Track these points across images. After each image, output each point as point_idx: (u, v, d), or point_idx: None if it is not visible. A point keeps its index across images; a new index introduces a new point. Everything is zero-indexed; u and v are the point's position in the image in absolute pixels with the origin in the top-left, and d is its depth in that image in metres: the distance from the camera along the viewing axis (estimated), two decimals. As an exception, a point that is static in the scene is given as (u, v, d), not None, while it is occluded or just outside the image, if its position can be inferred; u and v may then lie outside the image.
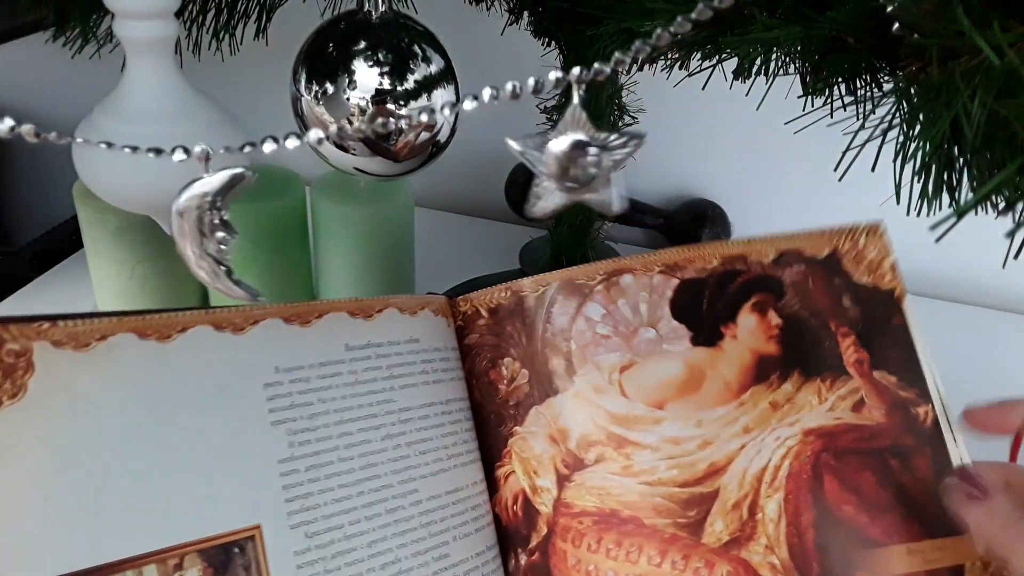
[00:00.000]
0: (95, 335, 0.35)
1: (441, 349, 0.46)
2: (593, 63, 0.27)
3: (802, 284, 0.46)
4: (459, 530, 0.42)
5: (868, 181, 0.42)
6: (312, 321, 0.41)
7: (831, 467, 0.43)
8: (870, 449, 0.44)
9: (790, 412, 0.44)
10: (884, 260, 0.46)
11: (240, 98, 0.70)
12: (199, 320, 0.38)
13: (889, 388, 0.45)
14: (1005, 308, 0.88)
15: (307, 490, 0.38)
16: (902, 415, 0.44)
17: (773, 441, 0.44)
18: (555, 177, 0.30)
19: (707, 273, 0.46)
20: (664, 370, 0.46)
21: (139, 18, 0.45)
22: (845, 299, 0.46)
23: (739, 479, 0.44)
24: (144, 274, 0.67)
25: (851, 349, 0.45)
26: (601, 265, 0.47)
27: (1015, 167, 0.27)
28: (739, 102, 0.53)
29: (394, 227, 0.68)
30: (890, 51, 0.37)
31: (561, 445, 0.45)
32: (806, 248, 0.46)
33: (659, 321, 0.46)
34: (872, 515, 0.43)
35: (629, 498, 0.44)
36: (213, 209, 0.31)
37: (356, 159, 0.48)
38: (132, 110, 0.48)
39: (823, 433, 0.44)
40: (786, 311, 0.46)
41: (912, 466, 0.44)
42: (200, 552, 0.35)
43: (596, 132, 0.29)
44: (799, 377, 0.45)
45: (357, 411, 0.41)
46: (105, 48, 0.59)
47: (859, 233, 0.46)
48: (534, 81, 0.28)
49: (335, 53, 0.46)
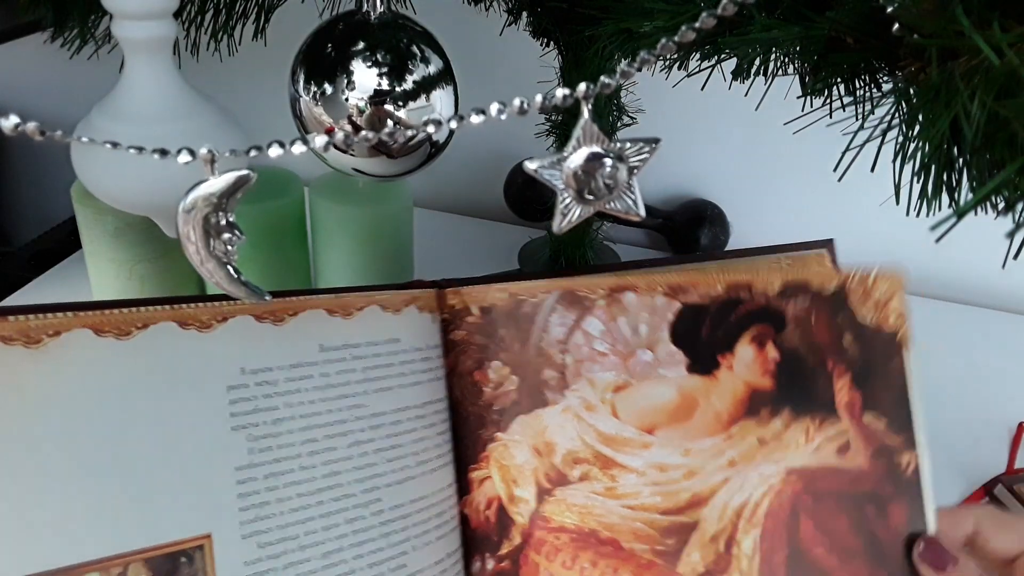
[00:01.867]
0: (47, 331, 0.34)
1: (423, 348, 0.44)
2: (599, 75, 0.27)
3: (805, 318, 0.45)
4: (420, 539, 0.41)
5: (867, 181, 0.42)
6: (286, 319, 0.39)
7: (809, 508, 0.43)
8: (849, 493, 0.44)
9: (776, 449, 0.44)
10: (891, 302, 0.45)
11: (239, 99, 0.70)
12: (162, 316, 0.36)
13: (876, 433, 0.44)
14: (1005, 308, 0.88)
15: (263, 499, 0.37)
16: (885, 462, 0.44)
17: (756, 477, 0.44)
18: (575, 192, 0.30)
19: (710, 299, 0.45)
20: (658, 395, 0.45)
21: (137, 19, 0.45)
22: (846, 337, 0.45)
23: (720, 512, 0.43)
24: (143, 275, 0.67)
25: (845, 390, 0.44)
26: (605, 279, 0.46)
27: (1015, 167, 0.27)
28: (738, 102, 0.53)
29: (393, 227, 0.68)
30: (889, 51, 0.37)
31: (545, 458, 0.45)
32: (813, 281, 0.45)
33: (657, 344, 0.46)
34: (842, 559, 0.43)
35: (610, 520, 0.44)
36: (219, 211, 0.31)
37: (355, 160, 0.48)
38: (131, 111, 0.48)
39: (805, 474, 0.44)
40: (785, 345, 0.45)
41: (887, 514, 0.43)
42: (145, 561, 0.34)
43: (610, 143, 0.29)
44: (789, 415, 0.44)
45: (325, 416, 0.39)
46: (103, 49, 0.59)
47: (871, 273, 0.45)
48: (541, 97, 0.28)
49: (334, 54, 0.46)
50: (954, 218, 0.27)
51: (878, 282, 0.45)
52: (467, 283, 0.47)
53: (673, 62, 0.47)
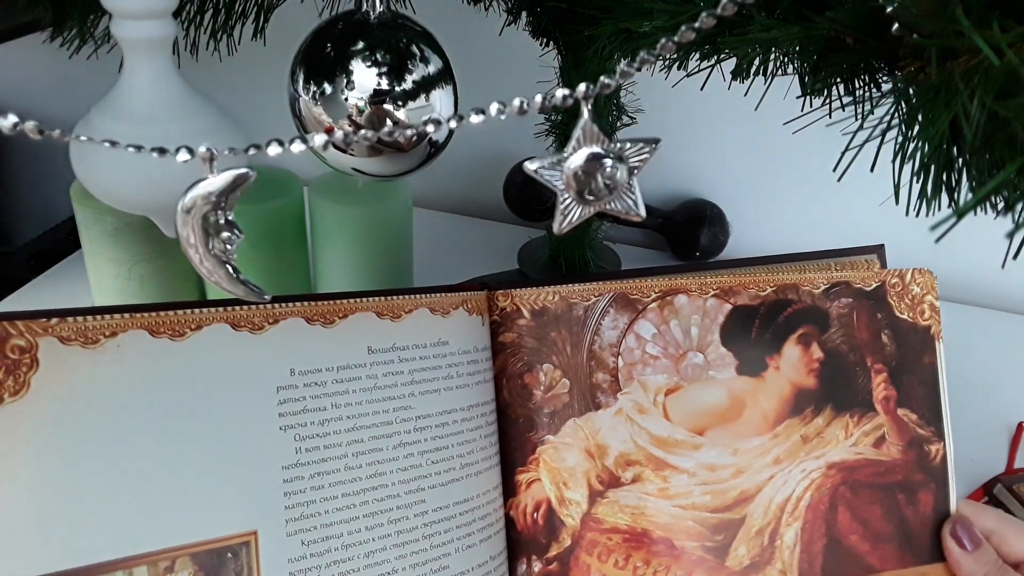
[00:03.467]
0: (105, 331, 0.34)
1: (471, 351, 0.44)
2: (598, 76, 0.27)
3: (847, 317, 0.47)
4: (463, 541, 0.41)
5: (867, 181, 0.42)
6: (336, 321, 0.40)
7: (846, 499, 0.46)
8: (883, 484, 0.46)
9: (818, 446, 0.46)
10: (926, 297, 0.48)
11: (238, 98, 0.70)
12: (215, 318, 0.37)
13: (910, 425, 0.46)
14: (1005, 308, 0.88)
15: (309, 498, 0.37)
16: (917, 452, 0.46)
17: (799, 473, 0.46)
18: (576, 193, 0.30)
19: (759, 300, 0.47)
20: (708, 396, 0.47)
21: (136, 18, 0.45)
22: (884, 334, 0.47)
23: (765, 507, 0.45)
24: (142, 274, 0.67)
25: (882, 386, 0.47)
26: (657, 282, 0.47)
27: (1015, 168, 0.27)
28: (738, 102, 0.53)
29: (392, 227, 0.68)
30: (889, 51, 0.37)
31: (597, 460, 0.45)
32: (855, 280, 0.47)
33: (708, 346, 0.47)
34: (873, 544, 0.45)
35: (662, 519, 0.45)
36: (218, 209, 0.31)
37: (354, 160, 0.48)
38: (130, 111, 0.48)
39: (844, 467, 0.46)
40: (828, 345, 0.47)
41: (917, 500, 0.46)
42: (192, 556, 0.35)
43: (610, 143, 0.29)
44: (831, 412, 0.46)
45: (372, 418, 0.40)
46: (102, 48, 0.59)
47: (907, 272, 0.48)
48: (541, 97, 0.28)
49: (333, 53, 0.46)
50: (954, 218, 0.27)
51: (915, 279, 0.47)
52: (517, 285, 0.47)
53: (673, 62, 0.47)
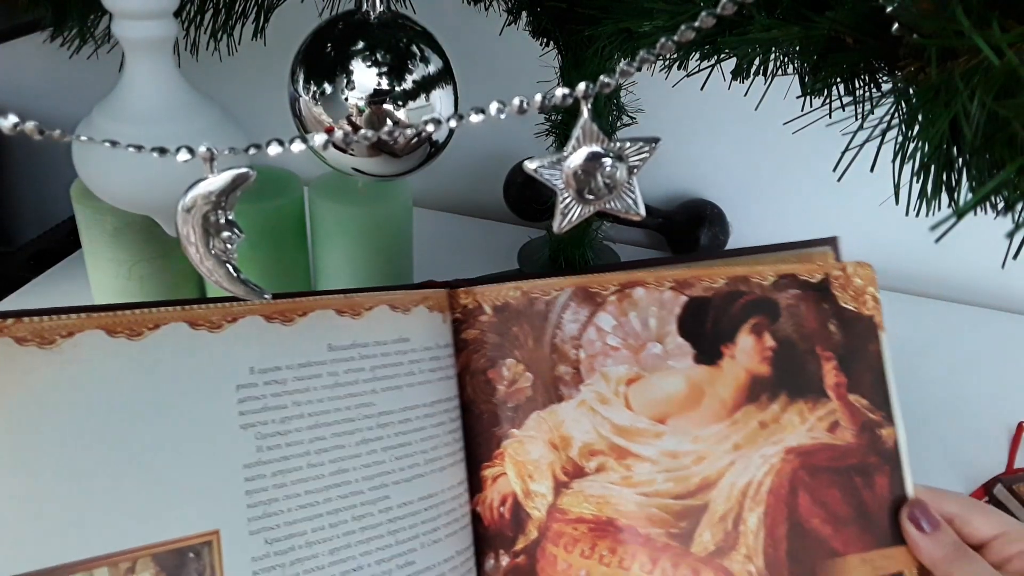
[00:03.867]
0: (61, 331, 0.34)
1: (432, 348, 0.44)
2: (598, 75, 0.27)
3: (795, 307, 0.48)
4: (428, 536, 0.41)
5: (867, 181, 0.42)
6: (295, 319, 0.39)
7: (805, 483, 0.46)
8: (839, 467, 0.47)
9: (776, 431, 0.47)
10: (867, 289, 0.49)
11: (238, 98, 0.70)
12: (173, 317, 0.37)
13: (861, 410, 0.48)
14: (1005, 308, 0.88)
15: (271, 496, 0.37)
16: (869, 436, 0.47)
17: (759, 458, 0.47)
18: (575, 192, 0.30)
19: (712, 292, 0.48)
20: (668, 386, 0.47)
21: (137, 18, 0.45)
22: (831, 324, 0.48)
23: (727, 493, 0.46)
24: (142, 274, 0.67)
25: (832, 372, 0.48)
26: (615, 275, 0.48)
27: (1015, 168, 0.27)
28: (738, 102, 0.53)
29: (392, 227, 0.68)
30: (889, 51, 0.37)
31: (561, 452, 0.46)
32: (801, 272, 0.49)
33: (666, 336, 0.48)
34: (836, 528, 0.46)
35: (627, 508, 0.45)
36: (218, 209, 0.31)
37: (354, 160, 0.48)
38: (131, 111, 0.48)
39: (802, 452, 0.47)
40: (780, 334, 0.48)
41: (873, 483, 0.47)
42: (153, 556, 0.34)
43: (610, 143, 0.29)
44: (786, 398, 0.47)
45: (333, 415, 0.40)
46: (103, 48, 0.59)
47: (847, 264, 0.49)
48: (541, 97, 0.28)
49: (333, 53, 0.46)
50: (954, 218, 0.27)
51: (856, 271, 0.49)
52: (478, 283, 0.48)
53: (673, 62, 0.47)
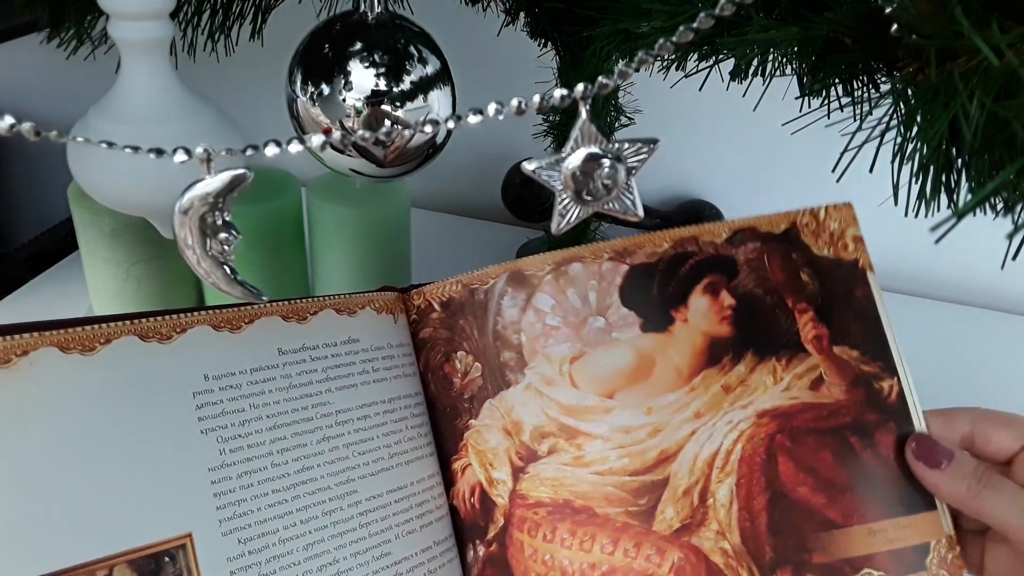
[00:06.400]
0: (16, 350, 0.35)
1: (384, 348, 0.45)
2: (596, 76, 0.27)
3: (757, 261, 0.45)
4: (402, 528, 0.42)
5: (866, 182, 0.42)
6: (243, 327, 0.41)
7: (786, 448, 0.43)
8: (829, 428, 0.43)
9: (743, 394, 0.44)
10: (846, 231, 0.45)
11: (236, 99, 0.70)
12: (123, 331, 0.38)
13: (850, 363, 0.44)
14: (1005, 308, 0.88)
15: (239, 496, 0.38)
16: (864, 390, 0.44)
17: (725, 425, 0.43)
18: (574, 193, 0.30)
19: (657, 257, 0.45)
20: (614, 359, 0.45)
21: (134, 19, 0.45)
22: (803, 274, 0.45)
23: (690, 465, 0.43)
24: (139, 275, 0.67)
25: (809, 325, 0.44)
26: (550, 255, 0.46)
27: (1014, 169, 0.27)
28: (736, 103, 0.53)
29: (390, 228, 0.68)
30: (888, 52, 0.37)
31: (515, 437, 0.45)
32: (761, 226, 0.45)
33: (608, 309, 0.45)
34: (830, 496, 0.42)
35: (581, 488, 0.44)
36: (216, 210, 0.31)
37: (352, 160, 0.48)
38: (128, 112, 0.47)
39: (778, 414, 0.43)
40: (739, 291, 0.44)
41: (874, 443, 0.43)
42: (129, 563, 0.35)
43: (608, 144, 0.29)
44: (753, 358, 0.44)
45: (291, 415, 0.40)
46: (100, 49, 0.59)
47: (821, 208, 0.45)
48: (539, 98, 0.28)
49: (331, 54, 0.46)
50: (954, 219, 0.27)
51: (830, 215, 0.45)
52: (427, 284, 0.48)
53: (671, 62, 0.47)
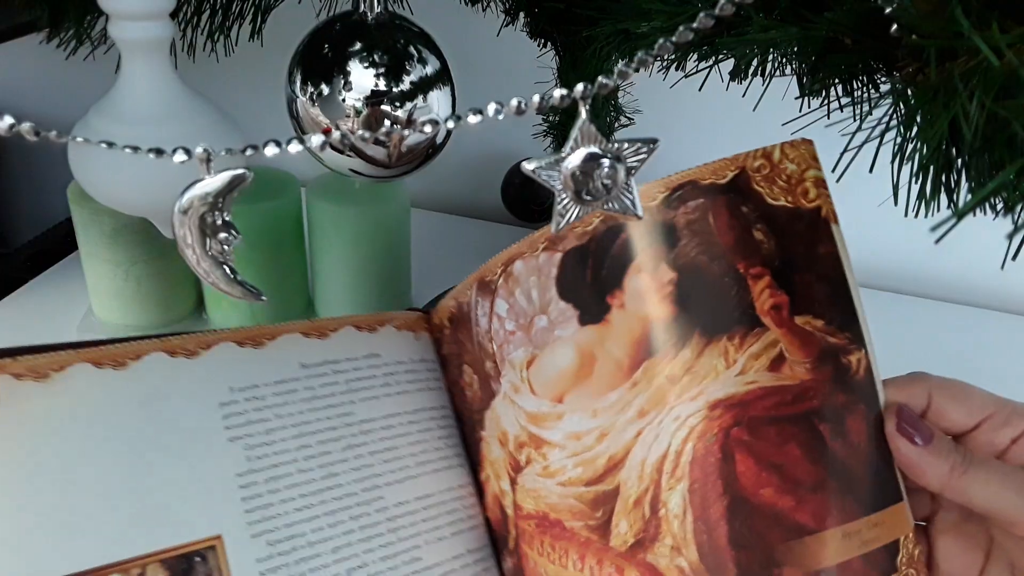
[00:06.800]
0: (53, 366, 0.37)
1: (406, 362, 0.46)
2: (596, 76, 0.27)
3: (700, 222, 0.37)
4: (432, 535, 0.43)
5: (866, 182, 0.42)
6: (265, 343, 0.42)
7: (744, 444, 0.36)
8: (794, 415, 0.36)
9: (691, 384, 0.36)
10: (806, 173, 0.37)
11: (235, 99, 0.70)
12: (152, 348, 0.40)
13: (815, 335, 0.36)
14: (1005, 308, 0.88)
15: (267, 500, 0.39)
16: (832, 367, 0.36)
17: (672, 422, 0.36)
18: (573, 193, 0.30)
19: (588, 237, 0.39)
20: (558, 359, 0.40)
21: (134, 19, 0.45)
22: (756, 231, 0.37)
23: (638, 472, 0.37)
24: (139, 276, 0.67)
25: (766, 293, 0.36)
26: (500, 256, 0.43)
27: (1014, 169, 0.27)
28: (736, 103, 0.53)
29: (390, 228, 0.68)
30: (887, 52, 0.37)
31: (505, 447, 0.43)
32: (703, 176, 0.37)
33: (548, 305, 0.40)
34: (799, 497, 0.35)
35: (552, 500, 0.41)
36: (215, 210, 0.31)
37: (352, 161, 0.48)
38: (128, 112, 0.47)
39: (733, 403, 0.36)
40: (680, 261, 0.37)
41: (845, 430, 0.36)
42: (162, 562, 0.37)
43: (608, 144, 0.29)
44: (700, 339, 0.36)
45: (315, 424, 0.42)
46: (100, 49, 0.59)
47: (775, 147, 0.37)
48: (539, 98, 0.28)
49: (331, 54, 0.46)
50: (953, 219, 0.27)
51: (786, 155, 0.37)
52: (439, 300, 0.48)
53: (671, 63, 0.47)
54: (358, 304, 0.69)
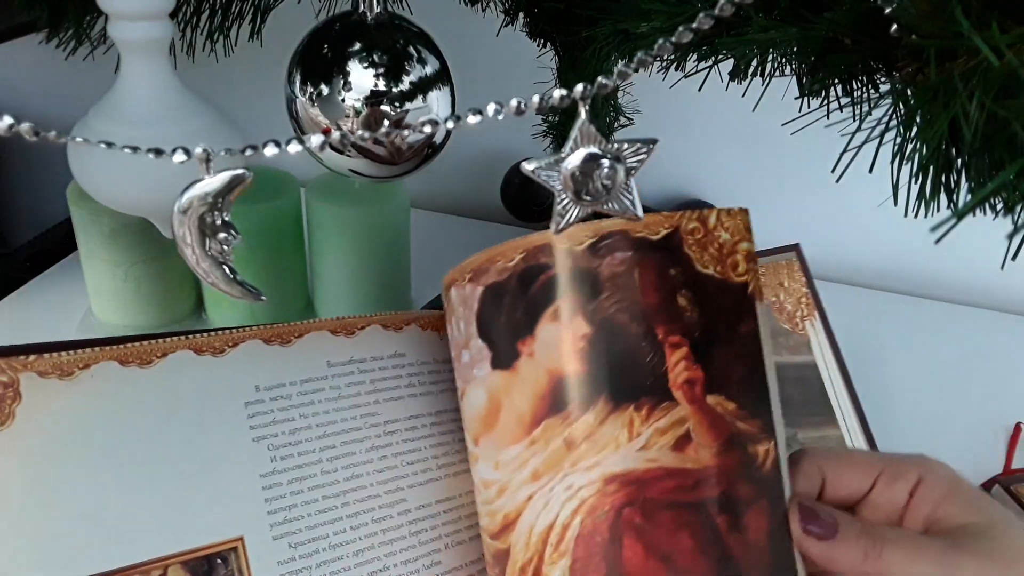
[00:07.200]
0: (78, 364, 0.37)
1: (430, 363, 0.46)
2: (596, 76, 0.27)
3: (625, 276, 0.34)
4: (452, 538, 0.42)
5: (866, 182, 0.42)
6: (293, 340, 0.42)
7: (635, 528, 0.33)
8: (691, 502, 0.33)
9: (589, 452, 0.34)
10: (738, 245, 0.36)
11: (235, 100, 0.70)
12: (179, 346, 0.39)
13: (725, 418, 0.34)
14: (1005, 308, 0.88)
15: (290, 502, 0.39)
16: (739, 456, 0.34)
17: (564, 491, 0.34)
18: (573, 193, 0.30)
19: (508, 273, 0.36)
20: (474, 400, 0.38)
21: (133, 19, 0.45)
22: (681, 297, 0.34)
23: (526, 538, 0.35)
24: (138, 276, 0.67)
25: (681, 365, 0.34)
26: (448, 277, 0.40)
27: (1014, 169, 0.27)
28: (736, 103, 0.53)
29: (390, 228, 0.68)
30: (887, 52, 0.37)
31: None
32: (635, 229, 0.35)
33: (471, 340, 0.38)
34: None
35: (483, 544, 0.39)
36: (215, 210, 0.31)
37: (351, 161, 0.48)
38: (127, 112, 0.47)
39: (630, 480, 0.33)
40: (598, 315, 0.34)
41: (743, 525, 0.33)
42: (183, 564, 0.37)
43: (607, 144, 0.29)
44: (606, 405, 0.34)
45: (340, 424, 0.41)
46: (99, 50, 0.59)
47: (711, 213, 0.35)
48: (538, 98, 0.28)
49: (330, 54, 0.46)
50: (953, 219, 0.27)
51: (721, 222, 0.35)
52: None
53: (670, 63, 0.47)
54: (358, 304, 0.69)
